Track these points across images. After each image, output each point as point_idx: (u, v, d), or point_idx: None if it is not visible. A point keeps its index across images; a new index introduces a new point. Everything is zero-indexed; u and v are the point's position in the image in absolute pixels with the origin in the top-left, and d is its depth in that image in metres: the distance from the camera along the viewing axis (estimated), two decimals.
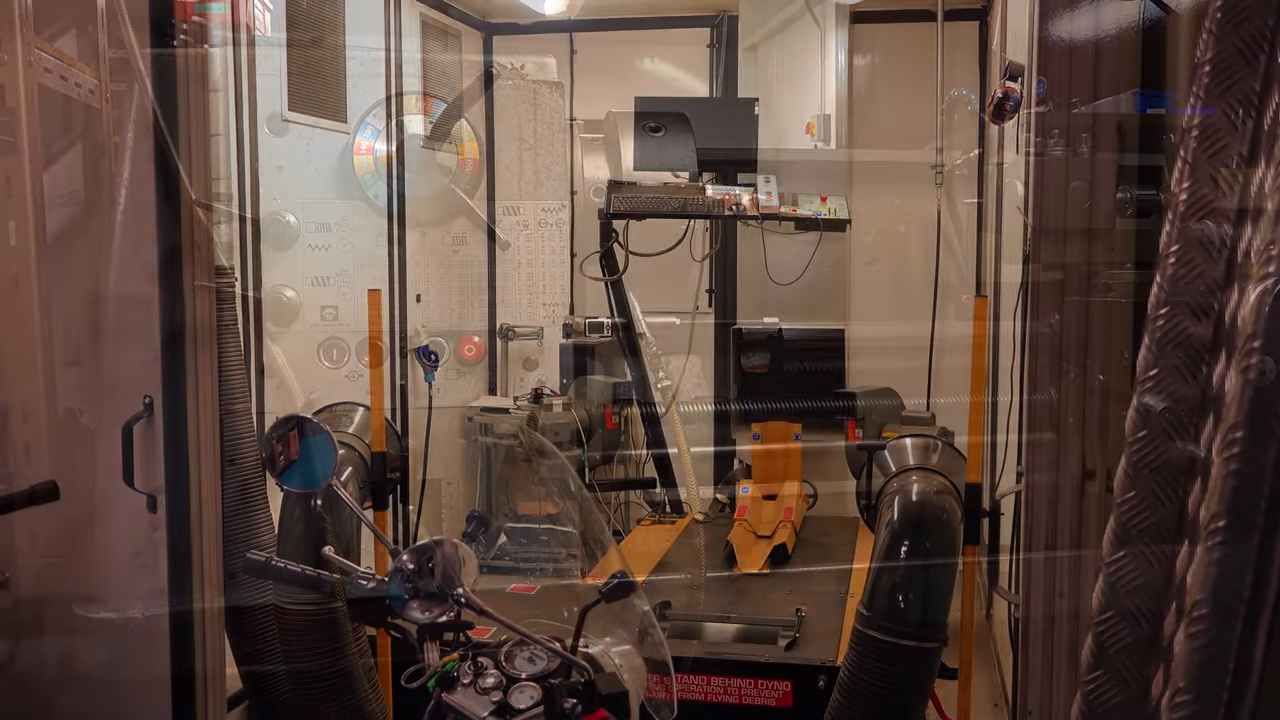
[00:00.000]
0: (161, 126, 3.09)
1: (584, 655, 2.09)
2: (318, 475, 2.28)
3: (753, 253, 6.75)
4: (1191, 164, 1.36)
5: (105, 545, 3.28)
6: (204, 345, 3.20)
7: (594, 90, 7.35)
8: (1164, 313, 1.37)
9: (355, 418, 4.51)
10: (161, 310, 3.15)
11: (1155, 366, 1.37)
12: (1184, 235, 1.36)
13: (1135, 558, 1.40)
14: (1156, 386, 1.38)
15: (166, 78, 3.09)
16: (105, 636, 3.27)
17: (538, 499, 2.70)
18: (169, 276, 3.14)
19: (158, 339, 3.14)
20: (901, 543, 3.57)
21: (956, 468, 4.09)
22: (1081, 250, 1.63)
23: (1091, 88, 1.65)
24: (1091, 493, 1.64)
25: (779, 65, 6.80)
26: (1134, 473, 1.40)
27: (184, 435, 3.18)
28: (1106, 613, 1.40)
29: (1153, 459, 1.38)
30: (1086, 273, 1.64)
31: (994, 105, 4.48)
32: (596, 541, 2.25)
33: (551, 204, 7.32)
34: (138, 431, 3.15)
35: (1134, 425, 1.41)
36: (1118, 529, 1.41)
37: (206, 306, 3.24)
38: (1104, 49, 1.69)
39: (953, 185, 6.91)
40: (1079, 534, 1.63)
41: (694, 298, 7.06)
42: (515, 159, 7.49)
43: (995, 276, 5.90)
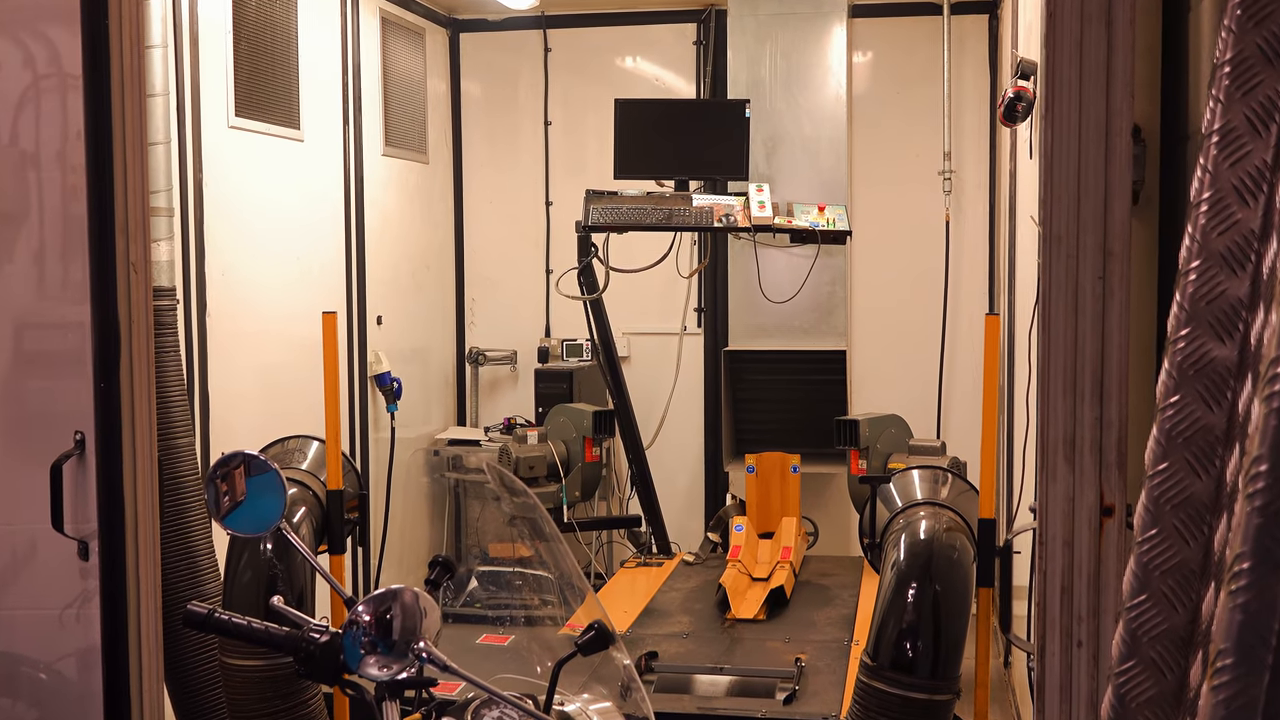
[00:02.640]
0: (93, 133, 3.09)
1: (559, 715, 2.08)
2: (266, 517, 2.28)
3: (745, 268, 6.78)
4: (1212, 173, 1.38)
5: (32, 597, 3.26)
6: (141, 374, 3.19)
7: (570, 92, 7.39)
8: (1184, 334, 1.38)
9: (309, 453, 4.49)
10: (94, 336, 3.14)
11: (1176, 393, 1.38)
12: (1205, 250, 1.37)
13: (1158, 601, 1.40)
14: (1178, 414, 1.38)
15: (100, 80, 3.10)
16: (32, 698, 3.25)
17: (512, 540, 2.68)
18: (102, 298, 3.13)
19: (90, 368, 3.13)
20: (909, 585, 3.58)
21: (968, 502, 4.10)
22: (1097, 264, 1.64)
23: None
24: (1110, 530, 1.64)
25: (773, 63, 6.84)
26: (1155, 508, 1.40)
27: (119, 474, 3.17)
28: (1127, 663, 1.40)
29: (1175, 493, 1.39)
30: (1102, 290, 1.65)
31: (1005, 105, 4.52)
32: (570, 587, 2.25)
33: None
34: (68, 470, 3.13)
35: (1154, 457, 1.42)
36: (1139, 570, 1.42)
37: (144, 331, 3.23)
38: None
39: (962, 193, 6.95)
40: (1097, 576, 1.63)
41: (681, 317, 7.08)
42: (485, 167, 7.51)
43: (1009, 292, 5.93)
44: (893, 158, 7.01)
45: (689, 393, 7.18)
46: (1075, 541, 1.65)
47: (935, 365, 6.92)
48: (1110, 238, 1.63)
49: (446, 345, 7.51)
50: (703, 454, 7.31)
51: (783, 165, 6.83)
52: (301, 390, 5.38)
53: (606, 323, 5.85)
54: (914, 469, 4.55)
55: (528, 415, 7.06)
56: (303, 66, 5.69)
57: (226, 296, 5.08)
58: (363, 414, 6.37)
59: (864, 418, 5.62)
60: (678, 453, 7.22)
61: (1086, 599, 1.64)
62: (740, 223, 5.38)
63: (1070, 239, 1.63)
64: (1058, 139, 1.61)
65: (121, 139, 3.15)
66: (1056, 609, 1.66)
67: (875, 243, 6.97)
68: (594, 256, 5.58)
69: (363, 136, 6.29)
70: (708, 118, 6.01)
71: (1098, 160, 1.60)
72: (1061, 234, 1.64)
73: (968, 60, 6.90)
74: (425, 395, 7.18)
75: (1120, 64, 1.59)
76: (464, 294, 7.59)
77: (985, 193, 6.91)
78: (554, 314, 7.43)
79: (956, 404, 6.89)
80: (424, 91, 7.08)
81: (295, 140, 5.64)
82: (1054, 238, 1.66)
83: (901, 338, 7.03)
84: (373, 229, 6.42)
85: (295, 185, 5.68)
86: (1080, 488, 1.65)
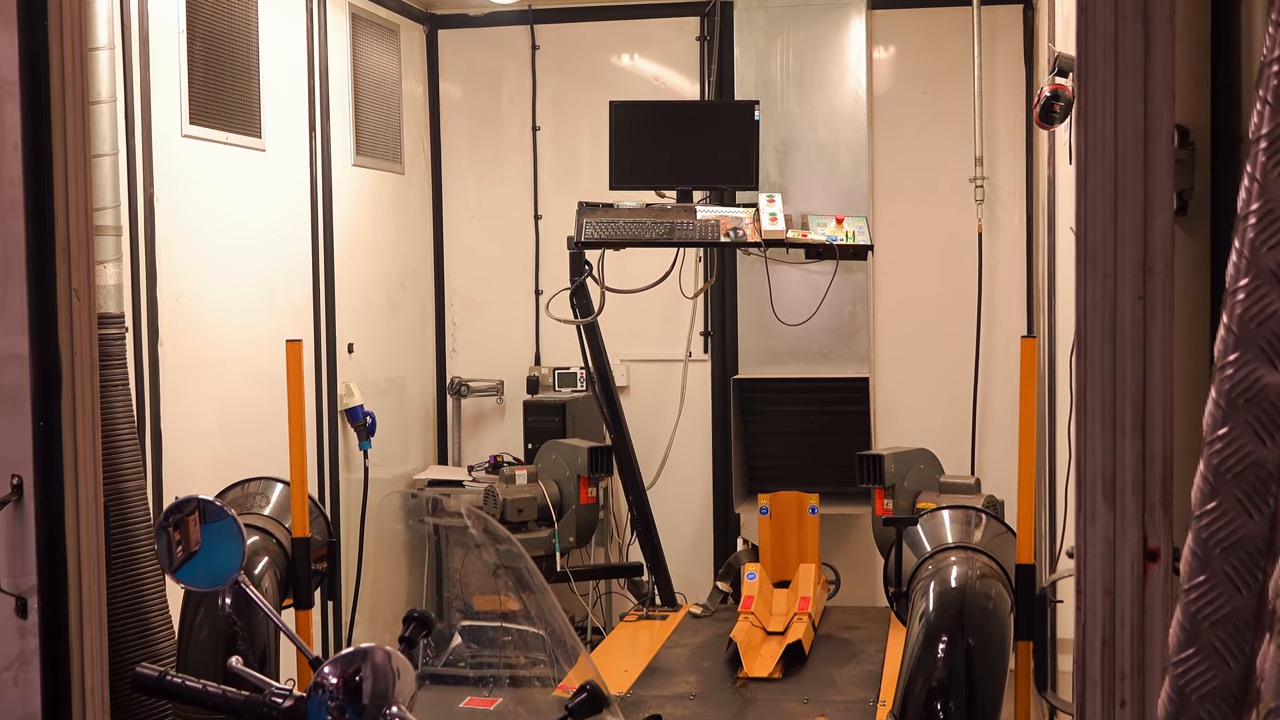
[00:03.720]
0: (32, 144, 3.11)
1: None
2: (224, 569, 2.28)
3: (756, 287, 6.79)
4: (1260, 181, 1.39)
5: None
6: (85, 411, 3.20)
7: (561, 94, 7.42)
8: (1233, 360, 1.39)
9: (272, 496, 4.50)
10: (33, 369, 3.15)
11: (1224, 425, 1.39)
12: (1254, 266, 1.38)
13: (1208, 655, 1.41)
14: (1226, 448, 1.39)
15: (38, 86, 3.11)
16: None
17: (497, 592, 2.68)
18: (42, 328, 3.14)
19: (28, 405, 3.14)
20: (939, 638, 3.58)
21: (1005, 546, 4.10)
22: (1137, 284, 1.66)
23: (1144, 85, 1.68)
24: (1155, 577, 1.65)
25: (784, 60, 6.88)
26: (1203, 552, 1.41)
27: (61, 522, 3.17)
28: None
29: (1225, 535, 1.40)
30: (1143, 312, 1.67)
31: (1041, 105, 4.54)
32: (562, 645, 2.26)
33: None
34: (3, 519, 3.13)
35: (1202, 495, 1.43)
36: (1186, 620, 1.42)
37: (88, 363, 3.24)
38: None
39: (996, 202, 6.97)
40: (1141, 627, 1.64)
41: (685, 342, 7.09)
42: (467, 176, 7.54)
43: (1049, 312, 5.94)
44: (918, 164, 7.03)
45: (695, 426, 7.19)
46: (1117, 589, 1.66)
47: (968, 394, 6.92)
48: (1151, 254, 1.64)
49: (425, 375, 7.53)
50: (710, 494, 7.31)
51: (796, 173, 6.86)
52: (264, 427, 5.39)
53: (603, 349, 5.86)
54: (944, 509, 4.56)
55: (516, 452, 7.07)
56: (264, 68, 5.73)
57: (181, 323, 5.10)
58: (332, 453, 6.38)
59: (889, 452, 5.63)
60: (683, 493, 7.22)
61: (1130, 653, 1.64)
62: (750, 237, 5.40)
63: (1107, 256, 1.64)
64: (1092, 145, 1.63)
65: (63, 151, 3.17)
66: (1097, 664, 1.66)
67: (900, 258, 6.99)
68: (588, 275, 5.59)
69: (331, 145, 6.33)
70: (713, 121, 6.03)
71: (1135, 167, 1.61)
72: (1097, 250, 1.66)
73: (1000, 56, 6.94)
74: (402, 431, 7.19)
75: (1159, 61, 1.61)
76: (444, 318, 7.61)
77: (1021, 201, 6.94)
78: (544, 340, 7.45)
79: (992, 437, 6.89)
80: (399, 95, 7.12)
81: (256, 150, 5.67)
82: (1089, 254, 1.68)
83: (930, 363, 7.04)
84: (343, 247, 6.45)
85: (257, 199, 5.71)
86: (1122, 530, 1.66)
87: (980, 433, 6.93)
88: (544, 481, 6.26)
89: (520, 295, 7.49)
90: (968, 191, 6.93)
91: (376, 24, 6.87)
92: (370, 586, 6.47)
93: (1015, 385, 4.24)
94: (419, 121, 7.41)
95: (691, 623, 5.81)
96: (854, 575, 6.55)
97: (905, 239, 7.01)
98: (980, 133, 6.88)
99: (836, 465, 6.44)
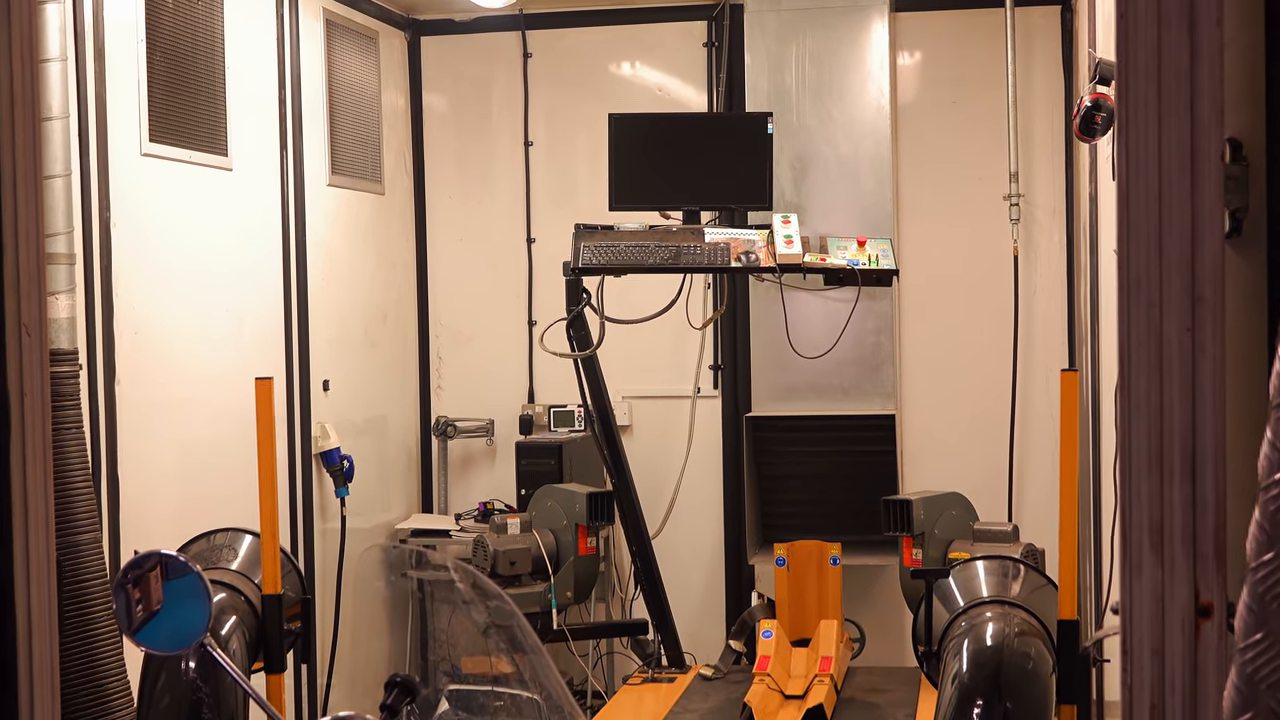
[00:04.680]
0: None
1: None
2: (188, 630, 2.29)
3: (770, 317, 6.80)
4: None
5: None
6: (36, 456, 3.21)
7: (556, 106, 7.45)
8: None
9: (240, 549, 4.50)
10: None
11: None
12: None
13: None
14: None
15: None
16: None
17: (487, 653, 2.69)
18: None
19: None
20: (974, 702, 3.57)
21: (1046, 600, 4.10)
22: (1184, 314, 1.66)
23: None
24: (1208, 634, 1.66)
25: (800, 68, 6.91)
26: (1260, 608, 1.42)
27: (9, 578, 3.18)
28: None
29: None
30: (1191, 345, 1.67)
31: (1081, 116, 4.57)
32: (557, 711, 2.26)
33: None
34: None
35: (1258, 545, 1.43)
36: (1241, 683, 1.43)
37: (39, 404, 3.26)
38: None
39: (1033, 221, 6.98)
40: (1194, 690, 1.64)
41: (694, 377, 7.10)
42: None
43: (1092, 343, 5.96)
44: (948, 180, 7.05)
45: (704, 469, 7.19)
46: (1166, 649, 1.66)
47: (1005, 432, 6.92)
48: (1199, 280, 1.65)
49: (408, 415, 7.53)
50: (722, 544, 7.30)
51: (814, 191, 6.88)
52: (232, 473, 5.39)
53: (602, 385, 5.87)
54: (979, 560, 4.55)
55: (508, 499, 7.07)
56: (231, 81, 5.76)
57: (140, 360, 5.12)
58: (306, 501, 6.38)
59: (918, 497, 5.63)
60: (691, 542, 7.22)
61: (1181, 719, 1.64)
62: (763, 262, 5.42)
63: (1151, 283, 1.65)
64: (1133, 164, 1.64)
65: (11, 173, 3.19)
66: None
67: (928, 283, 7.01)
68: (586, 305, 5.61)
69: (304, 163, 6.35)
70: (722, 135, 6.07)
71: (1181, 188, 1.63)
72: (1140, 277, 1.66)
73: (1037, 62, 6.97)
74: (382, 476, 7.19)
75: (1206, 72, 1.62)
76: (429, 352, 7.63)
77: (1061, 221, 6.95)
78: (539, 375, 7.46)
79: (1031, 479, 6.89)
80: (378, 108, 7.15)
81: (222, 169, 5.70)
82: (1132, 282, 1.68)
83: (963, 399, 7.05)
84: (317, 275, 6.47)
85: (223, 223, 5.74)
86: (1171, 583, 1.66)
87: (1018, 475, 6.93)
88: (539, 531, 6.25)
89: (512, 327, 7.51)
90: (1002, 210, 6.94)
91: (353, 31, 6.91)
92: (348, 648, 6.46)
93: (1056, 423, 4.23)
94: (400, 137, 7.45)
95: (702, 685, 5.79)
96: (880, 632, 6.54)
97: (934, 263, 7.02)
98: (1015, 146, 6.90)
99: (860, 511, 6.43)
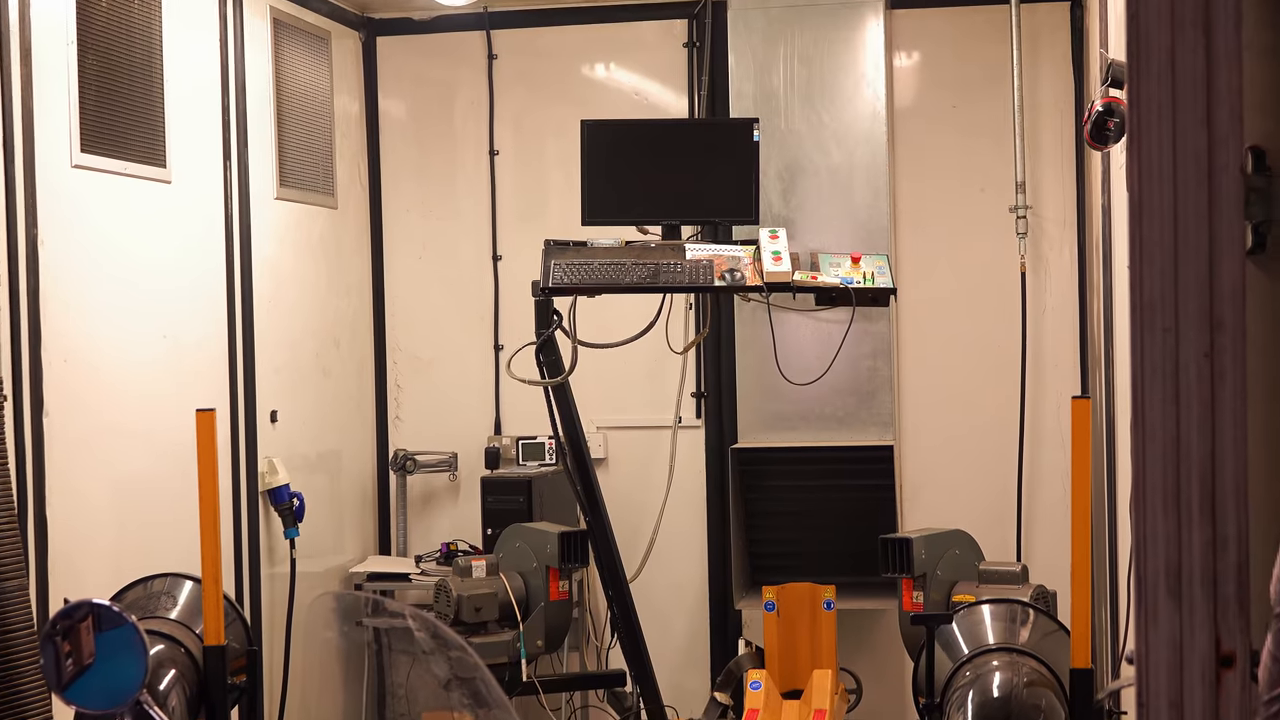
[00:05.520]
0: None
1: None
2: (123, 686, 2.29)
3: (758, 340, 6.81)
4: None
5: None
6: None
7: (524, 112, 7.46)
8: None
9: (180, 596, 4.48)
10: None
11: None
12: None
13: None
14: None
15: None
16: None
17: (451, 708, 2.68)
18: None
19: None
20: None
21: (1057, 647, 4.11)
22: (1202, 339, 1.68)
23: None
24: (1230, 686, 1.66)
25: (789, 70, 6.93)
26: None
27: None
28: None
29: None
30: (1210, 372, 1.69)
31: (1093, 122, 4.59)
32: None
33: None
34: None
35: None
36: None
37: None
38: None
39: (1041, 235, 7.01)
40: None
41: (675, 406, 7.10)
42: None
43: (1105, 367, 5.98)
44: (949, 191, 7.08)
45: (686, 505, 7.19)
46: (1185, 701, 1.67)
47: (1012, 465, 6.94)
48: (1218, 303, 1.66)
49: (363, 448, 7.52)
50: (706, 587, 7.30)
51: (804, 204, 6.89)
52: (171, 513, 5.38)
53: (575, 415, 5.87)
54: (985, 603, 4.56)
55: (473, 539, 7.06)
56: (170, 85, 5.75)
57: (70, 390, 5.10)
58: (252, 543, 6.36)
59: (919, 535, 5.64)
60: (673, 586, 7.21)
61: None
62: (750, 281, 5.43)
63: (1166, 307, 1.66)
64: (1146, 178, 1.65)
65: None
66: None
67: (929, 303, 7.03)
68: (557, 328, 5.61)
69: (250, 175, 6.35)
70: (704, 143, 6.08)
71: (1198, 204, 1.64)
72: (1155, 300, 1.68)
73: (1044, 62, 7.00)
74: (336, 515, 7.17)
75: (1224, 79, 1.63)
76: (386, 380, 7.62)
77: (1072, 234, 6.97)
78: (506, 404, 7.46)
79: (1042, 516, 6.90)
80: (330, 114, 7.15)
81: (161, 182, 5.70)
82: (1145, 304, 1.70)
83: (967, 428, 7.06)
84: (264, 296, 6.46)
85: (161, 241, 5.73)
86: (1190, 631, 1.67)
87: (1027, 511, 6.94)
88: (506, 574, 6.24)
89: (477, 352, 7.50)
90: (1008, 223, 6.96)
91: (303, 31, 6.92)
92: (298, 704, 6.44)
93: (1068, 455, 4.25)
94: (355, 146, 7.45)
95: None
96: (878, 683, 6.54)
97: (934, 280, 7.04)
98: (1022, 154, 6.92)
99: (856, 551, 6.43)
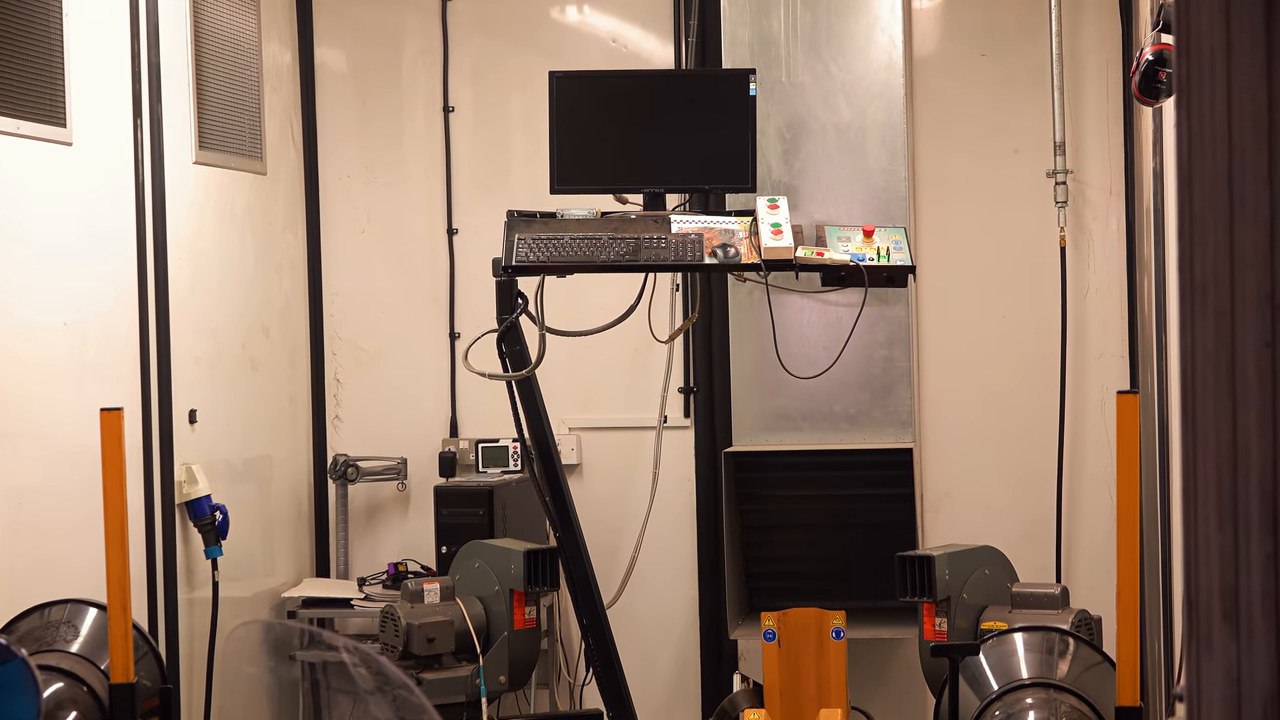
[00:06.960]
0: None
1: None
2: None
3: (755, 326, 6.81)
4: None
5: None
6: None
7: (484, 62, 7.44)
8: None
9: (82, 627, 4.48)
10: None
11: None
12: None
13: None
14: None
15: None
16: None
17: None
18: None
19: None
20: None
21: (1100, 681, 4.11)
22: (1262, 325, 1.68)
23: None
24: None
25: (790, 12, 6.92)
26: None
27: None
28: None
29: None
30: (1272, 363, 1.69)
31: (1142, 73, 4.61)
32: None
33: None
34: None
35: None
36: None
37: None
38: None
39: (1084, 204, 7.00)
40: None
41: (659, 403, 7.10)
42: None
43: (1157, 357, 5.98)
44: (977, 154, 7.07)
45: (673, 518, 7.18)
46: None
47: (1050, 470, 6.94)
48: None
49: (298, 453, 7.51)
50: (696, 613, 7.30)
51: (809, 168, 6.88)
52: (72, 529, 5.37)
53: (544, 414, 5.87)
54: (1017, 631, 4.57)
55: (425, 559, 7.05)
56: (71, 33, 5.73)
57: None
58: (168, 563, 6.35)
59: (942, 553, 5.64)
60: (657, 612, 7.21)
61: None
62: (746, 258, 5.43)
63: (1220, 287, 1.66)
64: (1197, 142, 1.66)
65: None
66: None
67: (953, 283, 7.03)
68: (522, 312, 5.61)
69: (164, 135, 6.31)
70: (693, 98, 6.07)
71: (1257, 170, 1.64)
72: (1207, 280, 1.68)
73: (1087, 5, 7.00)
74: (266, 531, 7.16)
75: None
76: (324, 374, 7.60)
77: (1120, 203, 6.95)
78: (463, 402, 7.45)
79: (1085, 530, 6.91)
80: (258, 66, 7.13)
81: (60, 144, 5.68)
82: (1196, 285, 1.70)
83: (998, 428, 7.06)
84: (181, 276, 6.43)
85: (61, 213, 5.71)
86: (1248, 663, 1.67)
87: (1068, 525, 6.94)
88: (464, 599, 6.24)
89: (429, 341, 7.49)
90: (1046, 191, 6.96)
91: None
92: None
93: (1113, 459, 4.25)
94: (287, 102, 7.43)
95: None
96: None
97: (960, 257, 7.04)
98: (1061, 110, 6.92)
99: (869, 571, 6.44)
